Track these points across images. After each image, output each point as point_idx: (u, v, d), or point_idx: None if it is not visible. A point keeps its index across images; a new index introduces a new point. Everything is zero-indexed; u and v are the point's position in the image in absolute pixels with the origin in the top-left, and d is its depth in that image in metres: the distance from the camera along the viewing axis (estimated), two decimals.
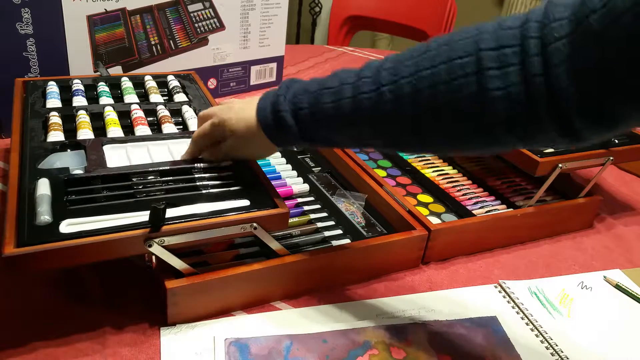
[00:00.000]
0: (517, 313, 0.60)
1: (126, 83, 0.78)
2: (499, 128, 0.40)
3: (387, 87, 0.44)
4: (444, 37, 0.43)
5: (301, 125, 0.51)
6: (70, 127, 0.65)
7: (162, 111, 0.71)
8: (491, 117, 0.40)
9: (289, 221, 0.59)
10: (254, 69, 1.12)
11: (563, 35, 0.36)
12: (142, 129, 0.66)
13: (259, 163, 0.61)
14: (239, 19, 1.05)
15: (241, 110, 0.55)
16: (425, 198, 0.78)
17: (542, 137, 0.40)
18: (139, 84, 0.80)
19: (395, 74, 0.44)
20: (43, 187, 0.51)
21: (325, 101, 0.48)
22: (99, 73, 0.82)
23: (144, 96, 0.78)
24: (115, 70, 0.91)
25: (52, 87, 0.73)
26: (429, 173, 0.84)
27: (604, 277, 0.68)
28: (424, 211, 0.74)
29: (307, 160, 0.84)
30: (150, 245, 0.48)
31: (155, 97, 0.76)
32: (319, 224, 0.67)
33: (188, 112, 0.72)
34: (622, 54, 0.33)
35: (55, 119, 0.65)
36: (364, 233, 0.67)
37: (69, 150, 0.60)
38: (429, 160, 0.89)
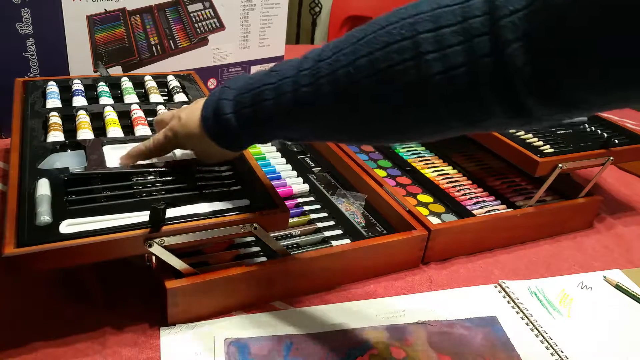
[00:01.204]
0: (517, 313, 0.60)
1: (126, 83, 0.78)
2: (444, 114, 0.38)
3: (325, 78, 0.42)
4: (381, 19, 0.40)
5: (245, 126, 0.49)
6: (70, 127, 0.65)
7: (162, 111, 0.71)
8: (434, 104, 0.37)
9: (289, 221, 0.59)
10: (254, 69, 1.12)
11: (519, 8, 0.32)
12: (142, 129, 0.66)
13: (259, 163, 0.61)
14: (239, 19, 1.05)
15: (188, 121, 0.53)
16: (425, 198, 0.78)
17: (491, 122, 0.37)
18: (138, 84, 0.80)
19: (333, 64, 0.41)
20: (43, 187, 0.51)
21: (266, 98, 0.46)
22: (98, 73, 0.82)
23: (143, 96, 0.78)
24: (115, 71, 0.91)
25: (52, 87, 0.73)
26: (429, 173, 0.84)
27: (604, 277, 0.68)
28: (424, 211, 0.74)
29: (307, 160, 0.84)
30: (150, 246, 0.48)
31: (155, 97, 0.76)
32: (319, 224, 0.67)
33: None
34: (589, 30, 0.29)
35: (55, 119, 0.65)
36: (364, 233, 0.67)
37: (69, 150, 0.60)
38: (429, 160, 0.89)
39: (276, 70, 0.47)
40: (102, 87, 0.76)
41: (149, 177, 0.56)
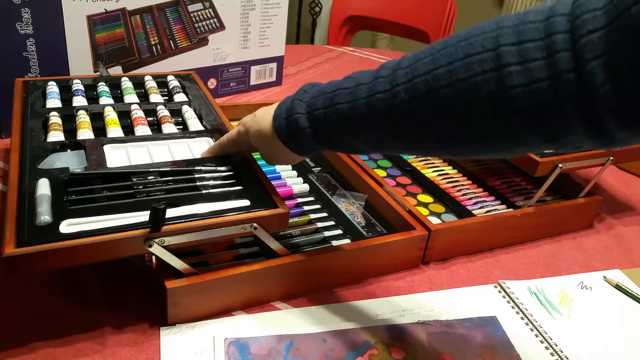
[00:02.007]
0: (517, 313, 0.60)
1: (126, 83, 0.78)
2: (523, 129, 0.38)
3: (402, 86, 0.42)
4: (462, 32, 0.40)
5: (316, 127, 0.49)
6: (70, 127, 0.65)
7: (162, 111, 0.71)
8: (513, 116, 0.37)
9: (289, 221, 0.59)
10: (254, 69, 1.12)
11: (598, 27, 0.32)
12: (142, 129, 0.66)
13: (259, 163, 0.61)
14: (239, 19, 1.05)
15: (260, 118, 0.54)
16: (425, 198, 0.78)
17: (570, 139, 0.37)
18: (139, 84, 0.80)
19: (411, 72, 0.42)
20: (43, 187, 0.51)
21: (340, 102, 0.47)
22: (99, 73, 0.82)
23: (144, 96, 0.78)
24: (115, 70, 0.91)
25: (52, 87, 0.73)
26: (429, 173, 0.84)
27: (604, 277, 0.68)
28: (424, 211, 0.74)
29: (307, 160, 0.84)
30: (150, 246, 0.48)
31: (155, 97, 0.76)
32: (319, 224, 0.67)
33: (188, 112, 0.72)
34: None
35: (55, 119, 0.65)
36: (364, 233, 0.67)
37: (69, 150, 0.60)
38: (429, 160, 0.89)
39: (352, 77, 0.47)
40: (102, 87, 0.76)
41: (149, 177, 0.56)
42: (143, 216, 0.49)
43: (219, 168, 0.59)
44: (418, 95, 0.41)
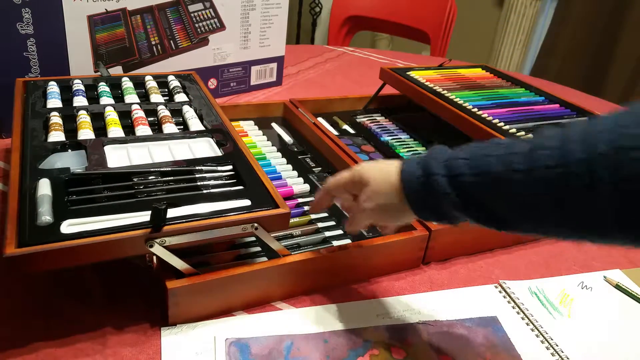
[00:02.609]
0: (518, 313, 0.60)
1: (127, 83, 0.78)
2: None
3: (576, 144, 0.37)
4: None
5: (456, 180, 0.43)
6: (70, 127, 0.65)
7: (163, 111, 0.71)
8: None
9: (290, 221, 0.59)
10: (254, 69, 1.12)
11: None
12: (143, 129, 0.66)
13: (259, 163, 0.61)
14: (239, 19, 1.05)
15: (382, 163, 0.50)
16: None
17: None
18: (139, 84, 0.80)
19: (583, 138, 0.37)
20: (44, 187, 0.51)
21: (490, 153, 0.42)
22: (99, 73, 0.82)
23: (144, 96, 0.78)
24: (116, 70, 0.91)
25: (53, 87, 0.73)
26: None
27: (604, 277, 0.68)
28: None
29: (308, 160, 0.84)
30: (151, 246, 0.48)
31: (156, 97, 0.76)
32: (320, 224, 0.67)
33: (188, 112, 0.72)
34: None
35: (55, 119, 0.65)
36: (365, 233, 0.67)
37: (69, 150, 0.60)
38: None
39: (500, 143, 0.43)
40: (103, 87, 0.76)
41: (149, 177, 0.56)
42: (144, 216, 0.49)
43: (219, 168, 0.59)
44: (599, 154, 0.36)
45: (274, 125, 0.95)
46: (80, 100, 0.72)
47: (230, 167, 0.60)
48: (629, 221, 0.36)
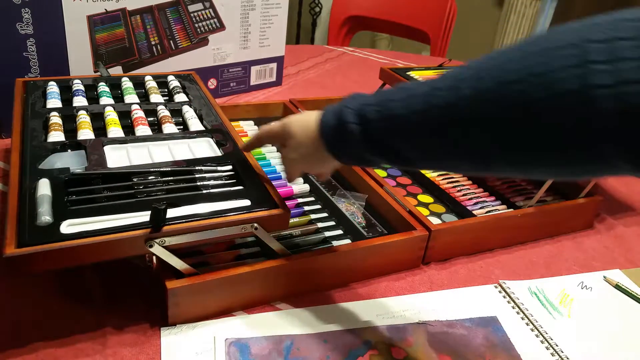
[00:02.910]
0: (517, 313, 0.60)
1: (126, 83, 0.78)
2: (602, 143, 0.32)
3: (466, 82, 0.38)
4: (543, 32, 0.36)
5: (366, 127, 0.45)
6: (70, 127, 0.65)
7: (163, 111, 0.71)
8: (594, 124, 0.32)
9: (290, 221, 0.59)
10: (254, 69, 1.12)
11: None
12: (143, 129, 0.66)
13: (259, 163, 0.61)
14: (239, 19, 1.05)
15: (305, 115, 0.52)
16: (426, 198, 0.78)
17: None
18: (139, 84, 0.80)
19: (477, 68, 0.38)
20: (44, 187, 0.51)
21: (393, 98, 0.43)
22: (99, 73, 0.82)
23: (144, 96, 0.78)
24: (116, 71, 0.91)
25: (53, 87, 0.73)
26: (429, 173, 0.84)
27: (604, 277, 0.68)
28: (424, 211, 0.74)
29: None
30: (151, 246, 0.48)
31: (156, 97, 0.76)
32: (320, 224, 0.67)
33: (188, 112, 0.72)
34: None
35: (55, 119, 0.65)
36: (365, 233, 0.67)
37: (69, 150, 0.60)
38: None
39: (406, 84, 0.44)
40: (103, 87, 0.76)
41: (149, 177, 0.56)
42: (144, 216, 0.49)
43: (219, 168, 0.59)
44: (484, 91, 0.36)
45: None
46: (80, 101, 0.72)
47: (230, 167, 0.60)
48: (502, 155, 0.38)
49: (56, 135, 0.62)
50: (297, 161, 0.54)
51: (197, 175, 0.57)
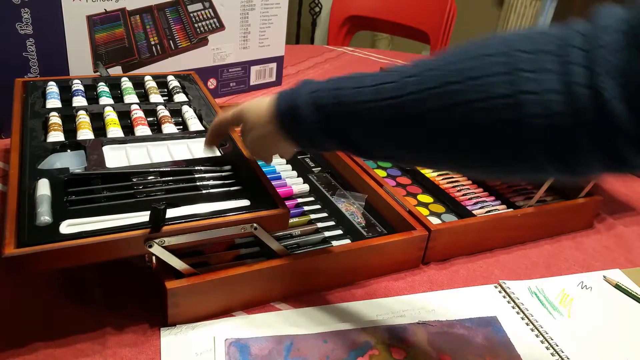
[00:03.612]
0: (517, 313, 0.60)
1: (126, 83, 0.78)
2: (532, 144, 0.36)
3: (412, 78, 0.41)
4: (476, 39, 0.40)
5: (319, 112, 0.47)
6: (70, 127, 0.65)
7: (162, 111, 0.71)
8: (524, 126, 0.35)
9: (289, 221, 0.59)
10: (253, 69, 1.12)
11: (617, 49, 0.32)
12: (142, 129, 0.66)
13: (259, 163, 0.61)
14: (239, 19, 1.05)
15: (259, 100, 0.54)
16: (426, 198, 0.78)
17: (583, 166, 0.36)
18: (138, 84, 0.80)
19: (421, 67, 0.41)
20: (43, 187, 0.51)
21: (346, 86, 0.46)
22: (98, 73, 0.82)
23: (143, 96, 0.78)
24: (115, 71, 0.91)
25: (52, 88, 0.73)
26: (429, 173, 0.84)
27: (604, 277, 0.68)
28: (424, 211, 0.74)
29: (307, 160, 0.84)
30: (150, 246, 0.48)
31: (155, 97, 0.76)
32: (319, 224, 0.67)
33: (188, 112, 0.72)
34: None
35: (55, 119, 0.65)
36: (364, 233, 0.67)
37: (69, 150, 0.60)
38: None
39: (358, 74, 0.47)
40: (102, 87, 0.76)
41: (149, 178, 0.56)
42: (143, 216, 0.49)
43: (219, 168, 0.59)
44: (428, 88, 0.40)
45: None
46: (79, 101, 0.71)
47: (229, 167, 0.60)
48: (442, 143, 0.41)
49: (56, 136, 0.61)
50: (254, 144, 0.55)
51: (196, 175, 0.57)
